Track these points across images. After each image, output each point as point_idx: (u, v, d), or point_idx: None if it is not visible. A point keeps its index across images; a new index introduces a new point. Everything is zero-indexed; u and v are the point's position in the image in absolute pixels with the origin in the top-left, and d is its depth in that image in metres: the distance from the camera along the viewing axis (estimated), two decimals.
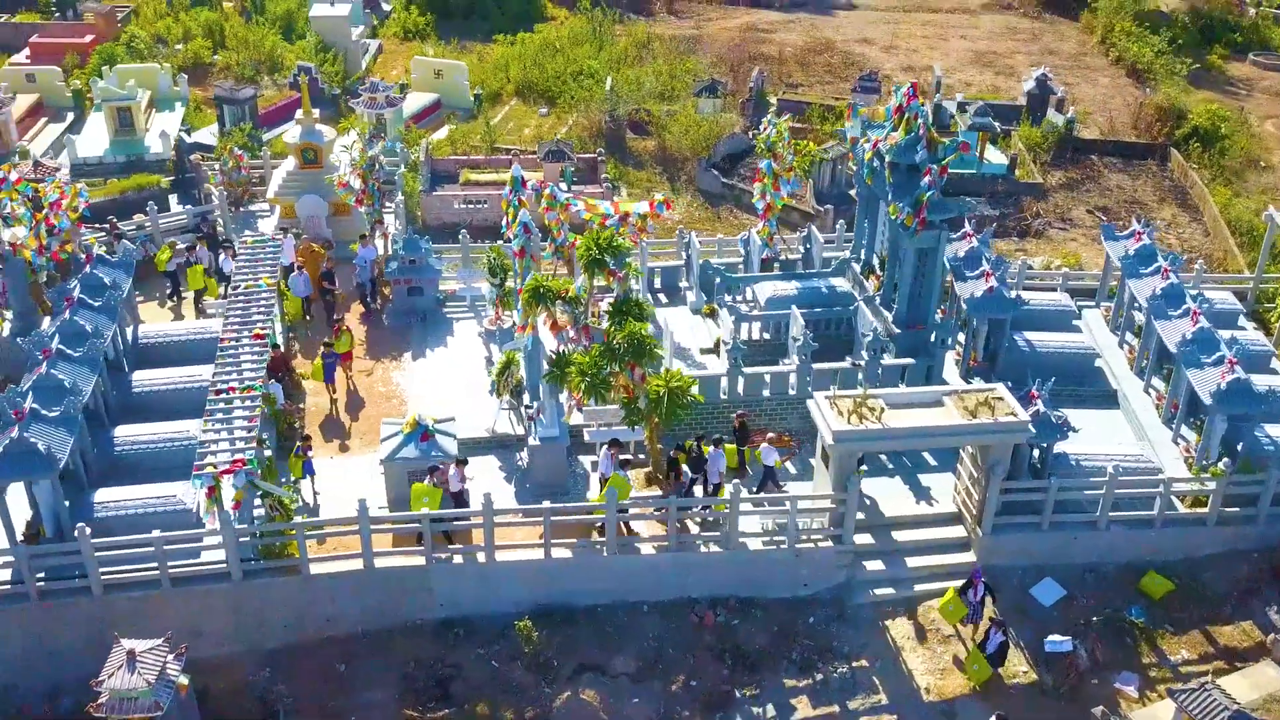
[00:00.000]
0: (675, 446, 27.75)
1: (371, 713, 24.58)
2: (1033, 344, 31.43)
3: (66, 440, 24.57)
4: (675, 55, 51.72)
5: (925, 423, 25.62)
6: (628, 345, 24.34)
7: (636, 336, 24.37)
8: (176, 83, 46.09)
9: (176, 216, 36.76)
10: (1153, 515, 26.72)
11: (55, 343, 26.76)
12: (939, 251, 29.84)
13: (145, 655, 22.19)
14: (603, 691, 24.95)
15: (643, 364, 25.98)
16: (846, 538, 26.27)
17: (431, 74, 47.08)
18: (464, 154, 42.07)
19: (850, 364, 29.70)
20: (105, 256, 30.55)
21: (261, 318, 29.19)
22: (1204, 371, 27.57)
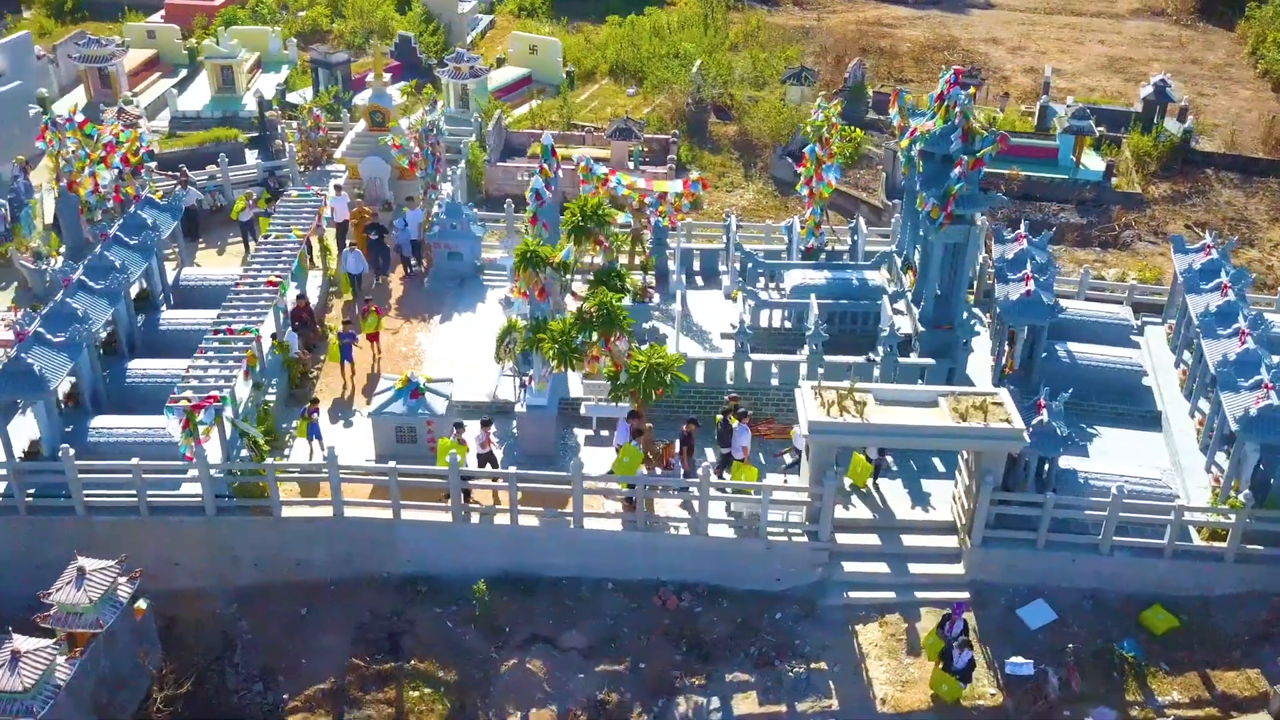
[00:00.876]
0: (688, 420, 27.14)
1: (322, 657, 24.82)
2: (1074, 355, 29.46)
3: (64, 365, 25.61)
4: (779, 43, 50.65)
5: (911, 422, 24.28)
6: (597, 314, 23.83)
7: (607, 306, 23.85)
8: (286, 46, 47.73)
9: (247, 169, 38.00)
10: (1162, 544, 24.66)
11: (78, 274, 27.96)
12: (968, 248, 28.25)
13: (94, 574, 22.92)
14: (550, 663, 24.58)
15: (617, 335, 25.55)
16: (823, 534, 25.14)
17: (527, 49, 47.40)
18: (540, 128, 42.17)
19: (866, 359, 28.44)
20: (153, 199, 31.77)
21: (283, 267, 29.79)
22: (1239, 395, 25.27)
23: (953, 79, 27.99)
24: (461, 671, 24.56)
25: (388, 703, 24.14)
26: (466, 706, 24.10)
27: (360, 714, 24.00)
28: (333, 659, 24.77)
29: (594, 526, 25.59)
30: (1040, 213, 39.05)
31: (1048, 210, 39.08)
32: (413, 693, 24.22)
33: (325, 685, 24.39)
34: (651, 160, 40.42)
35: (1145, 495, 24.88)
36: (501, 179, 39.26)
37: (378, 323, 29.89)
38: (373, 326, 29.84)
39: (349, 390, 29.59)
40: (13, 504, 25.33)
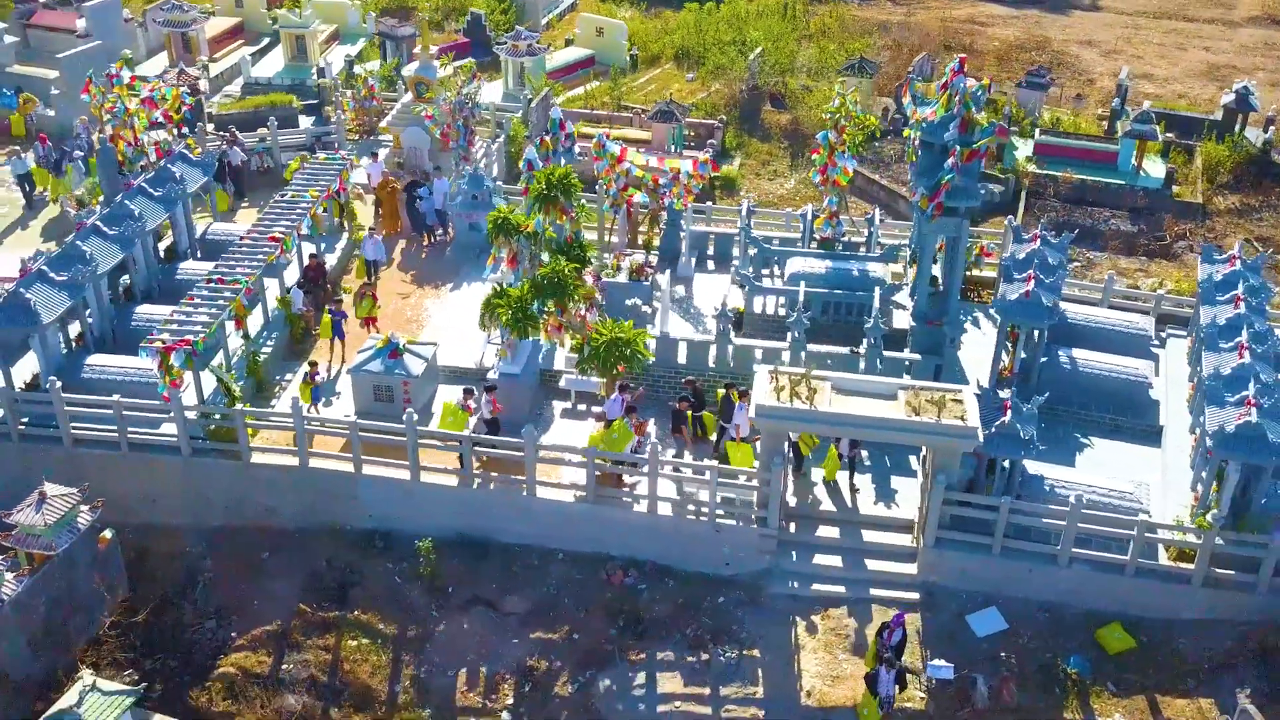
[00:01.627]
0: (680, 398, 27.08)
1: (273, 600, 25.51)
2: (1075, 362, 28.26)
3: (61, 302, 26.91)
4: (857, 36, 49.71)
5: (862, 413, 23.65)
6: (548, 282, 23.89)
7: (558, 274, 23.87)
8: (364, 19, 49.01)
9: (295, 133, 39.21)
10: (1124, 561, 23.49)
11: (93, 219, 29.33)
12: (961, 242, 27.34)
13: (54, 500, 24.02)
14: (487, 627, 24.79)
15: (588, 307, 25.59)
16: (771, 521, 24.71)
17: (594, 31, 47.60)
18: (590, 109, 42.37)
19: (850, 351, 27.82)
20: (186, 154, 33.07)
21: (286, 225, 30.61)
22: (1223, 410, 23.88)
23: (957, 68, 27.11)
24: (401, 627, 24.96)
25: (326, 649, 24.69)
26: (400, 661, 24.50)
27: (299, 658, 24.59)
28: (283, 603, 25.42)
29: (546, 496, 25.67)
30: (1090, 218, 37.48)
31: (1099, 215, 37.47)
32: (351, 642, 24.72)
33: (271, 627, 25.05)
34: (695, 144, 40.21)
35: (1110, 508, 23.73)
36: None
37: (372, 307, 30.09)
38: (367, 311, 30.06)
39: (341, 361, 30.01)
40: (6, 430, 26.73)
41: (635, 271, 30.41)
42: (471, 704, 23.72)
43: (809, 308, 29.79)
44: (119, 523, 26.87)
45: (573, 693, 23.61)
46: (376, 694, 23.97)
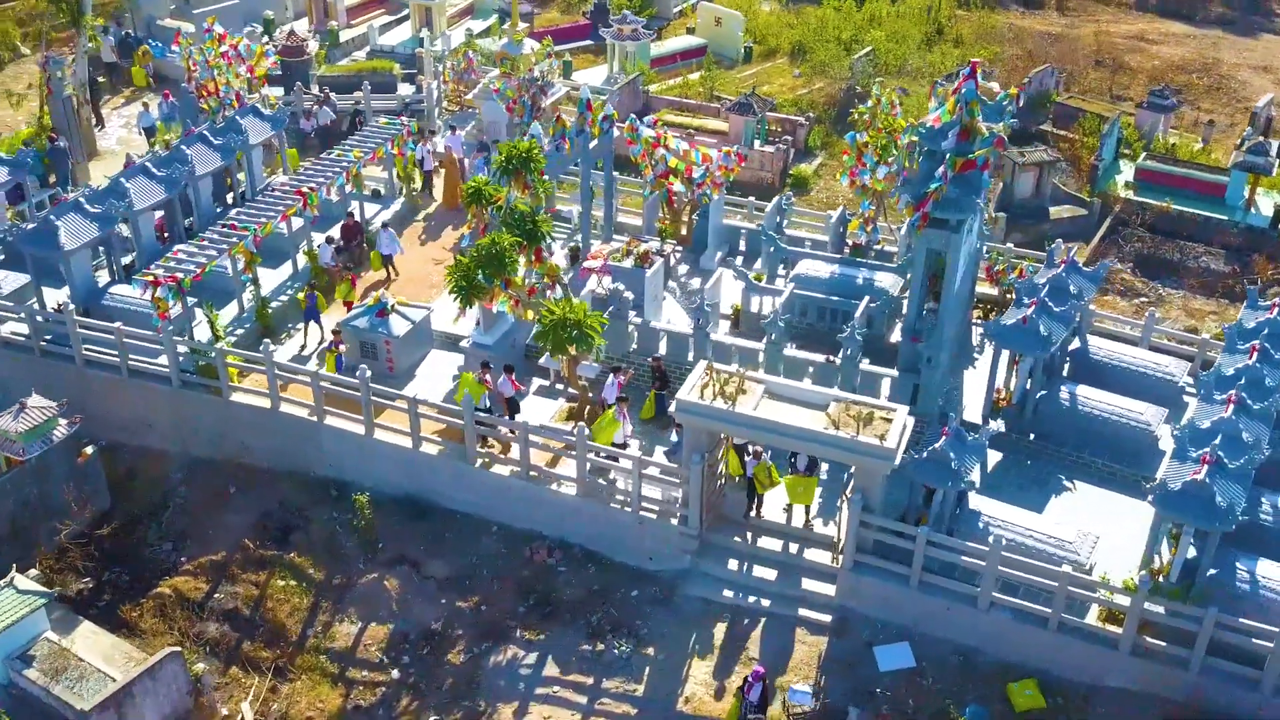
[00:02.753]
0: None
1: (226, 532, 26.75)
2: (1076, 400, 26.18)
3: (89, 232, 28.92)
4: (989, 43, 47.19)
5: (782, 420, 22.69)
6: (485, 254, 23.97)
7: (496, 246, 23.91)
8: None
9: (387, 99, 40.65)
10: (1046, 613, 21.65)
11: (143, 160, 31.39)
12: (955, 257, 25.70)
13: (32, 410, 26.02)
14: (405, 585, 25.23)
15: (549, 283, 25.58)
16: (691, 521, 24.07)
17: (713, 21, 47.09)
18: (685, 97, 42.01)
19: (826, 360, 26.70)
20: (258, 108, 34.85)
21: (323, 181, 31.80)
22: (1183, 465, 21.66)
23: (967, 73, 25.49)
24: (329, 575, 25.72)
25: (257, 585, 25.71)
26: (319, 607, 25.25)
27: (231, 589, 25.70)
28: (233, 536, 26.61)
29: (484, 466, 25.85)
30: (1180, 253, 34.47)
31: (1190, 251, 34.43)
32: (280, 582, 25.65)
33: (216, 557, 26.29)
34: (779, 140, 39.30)
35: (1043, 556, 21.91)
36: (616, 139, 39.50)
37: (349, 291, 30.47)
38: (343, 294, 30.44)
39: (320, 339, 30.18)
40: (30, 345, 29.00)
41: (641, 258, 30.06)
42: (370, 657, 24.20)
43: (806, 312, 28.84)
44: (118, 442, 28.97)
45: (464, 662, 23.75)
46: (289, 633, 24.79)
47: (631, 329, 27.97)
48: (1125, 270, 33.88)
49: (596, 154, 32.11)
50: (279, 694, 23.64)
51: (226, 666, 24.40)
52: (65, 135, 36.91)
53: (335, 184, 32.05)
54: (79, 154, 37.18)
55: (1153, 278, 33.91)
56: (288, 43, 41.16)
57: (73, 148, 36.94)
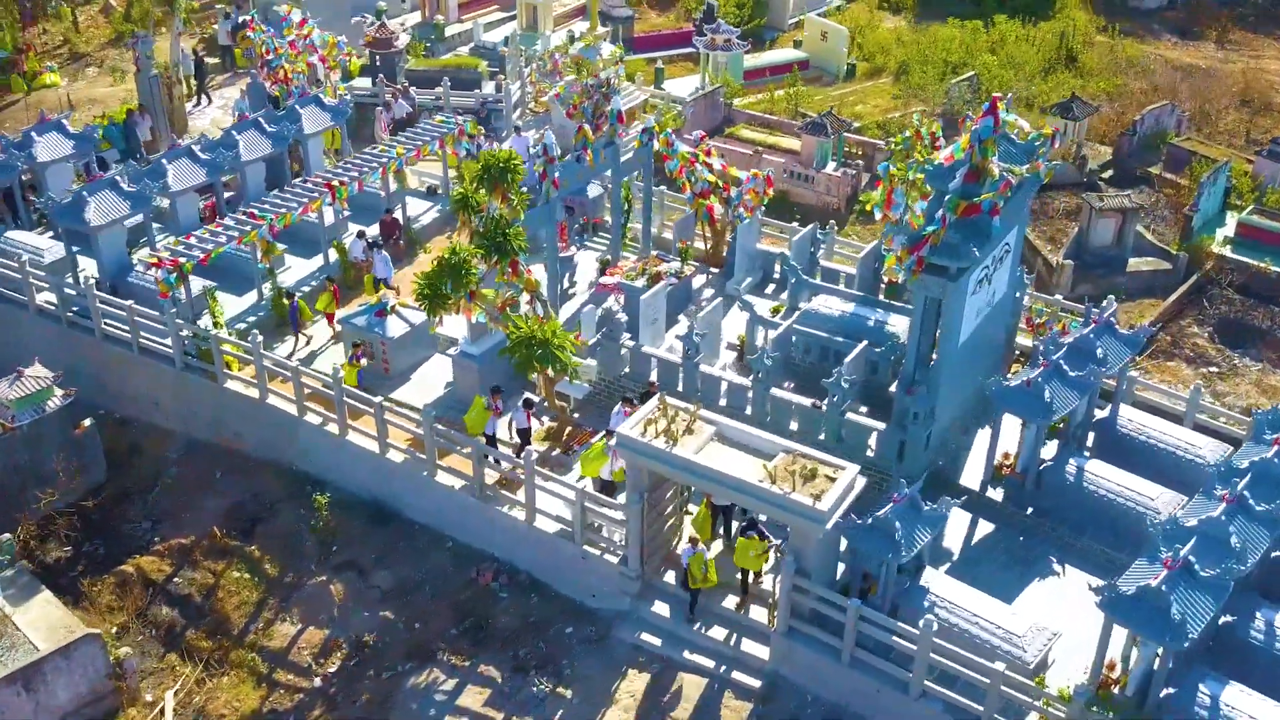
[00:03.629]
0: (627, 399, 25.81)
1: (200, 518, 27.02)
2: (1083, 475, 23.71)
3: (120, 209, 29.63)
4: (1114, 75, 43.65)
5: (718, 467, 21.22)
6: (446, 265, 23.29)
7: (455, 258, 23.19)
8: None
9: (466, 96, 40.54)
10: (978, 711, 19.55)
11: (187, 142, 32.09)
12: (953, 306, 23.58)
13: (28, 378, 26.88)
14: (349, 592, 24.89)
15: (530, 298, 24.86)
16: (631, 562, 22.84)
17: (819, 35, 45.15)
18: (769, 113, 40.38)
19: (812, 404, 24.97)
20: (320, 98, 35.23)
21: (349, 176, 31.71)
22: (1149, 566, 19.19)
23: (987, 108, 23.34)
24: (282, 572, 25.61)
25: (214, 573, 25.85)
26: (265, 604, 25.16)
27: (190, 575, 25.95)
28: (206, 522, 26.85)
29: (444, 481, 25.21)
30: (1270, 320, 30.99)
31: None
32: (235, 574, 25.71)
33: (185, 541, 26.59)
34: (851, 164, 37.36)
35: (983, 647, 19.82)
36: None
37: (330, 302, 29.52)
38: (323, 305, 29.59)
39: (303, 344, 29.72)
40: (58, 315, 29.98)
41: (654, 279, 28.90)
42: (300, 661, 23.95)
43: (809, 351, 27.13)
44: (129, 416, 29.72)
45: (386, 679, 23.21)
46: (231, 626, 24.80)
47: (624, 352, 26.85)
48: (1202, 335, 30.68)
49: (632, 167, 31.13)
50: (204, 687, 23.63)
51: (166, 652, 24.61)
52: (150, 112, 38.19)
53: (369, 178, 31.95)
54: (164, 130, 38.36)
55: (1233, 346, 30.61)
56: (377, 34, 41.56)
57: (157, 125, 38.19)
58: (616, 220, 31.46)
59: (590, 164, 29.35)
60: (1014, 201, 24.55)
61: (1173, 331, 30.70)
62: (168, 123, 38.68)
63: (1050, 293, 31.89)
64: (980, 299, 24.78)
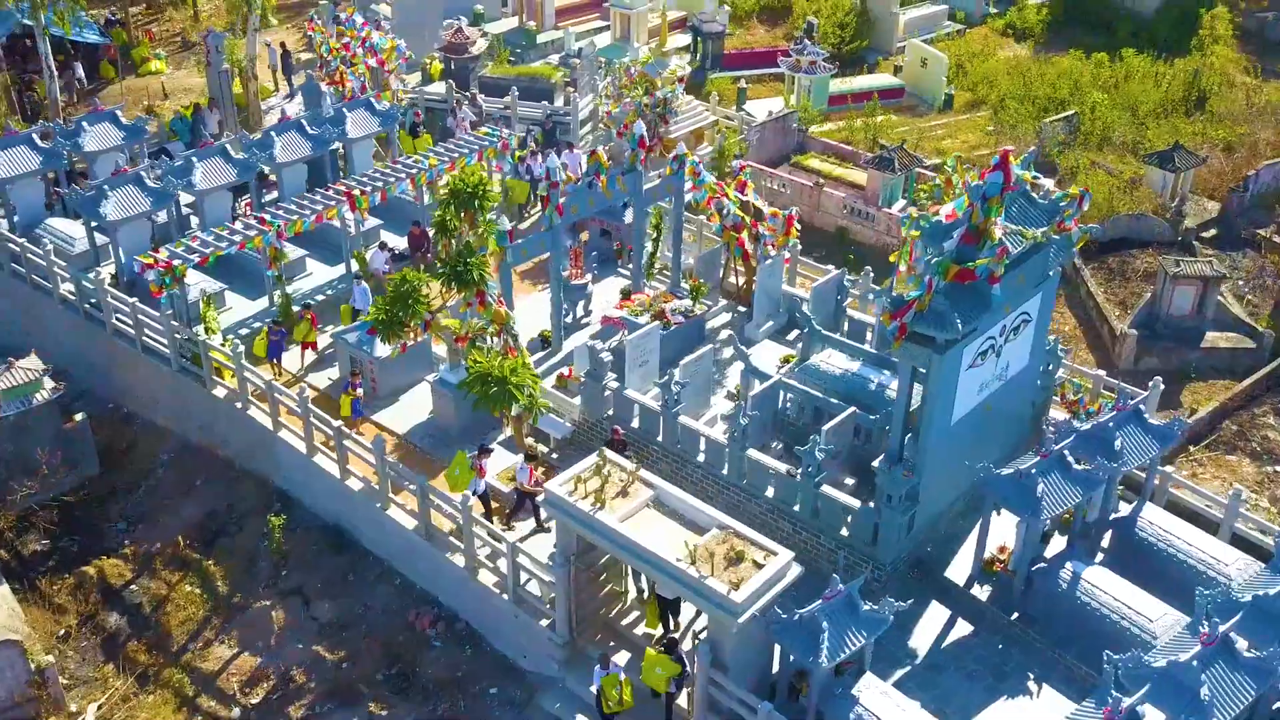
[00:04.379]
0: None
1: (171, 524, 26.77)
2: (1077, 583, 20.96)
3: (139, 205, 29.53)
4: (1241, 123, 39.35)
5: (640, 539, 19.41)
6: (398, 291, 22.11)
7: (405, 285, 21.98)
8: (717, 13, 47.71)
9: (532, 107, 39.42)
10: None
11: (223, 141, 31.92)
12: (941, 380, 21.12)
13: (18, 370, 27.07)
14: (290, 620, 24.12)
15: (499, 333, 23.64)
16: (559, 627, 21.24)
17: (919, 61, 42.24)
18: (847, 142, 37.91)
19: (786, 472, 22.85)
20: (371, 102, 34.65)
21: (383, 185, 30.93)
22: (1094, 713, 16.54)
23: (995, 162, 20.82)
24: (231, 591, 24.99)
25: (168, 584, 25.43)
26: (209, 623, 24.55)
27: (146, 583, 25.63)
28: (174, 529, 26.51)
29: (396, 516, 24.08)
30: None
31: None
32: (188, 588, 25.24)
33: (153, 546, 26.30)
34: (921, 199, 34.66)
35: None
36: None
37: (309, 331, 27.94)
38: (302, 334, 28.00)
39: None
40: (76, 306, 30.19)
41: (657, 316, 27.18)
42: (227, 688, 23.25)
43: (803, 410, 24.96)
44: (133, 412, 29.74)
45: (302, 718, 22.25)
46: (173, 643, 24.32)
47: (607, 394, 25.22)
48: (1277, 427, 27.11)
49: (660, 194, 29.51)
50: (127, 704, 23.12)
51: (105, 661, 24.25)
52: (219, 107, 38.43)
53: (395, 189, 31.09)
54: (232, 124, 38.49)
55: None
56: (452, 39, 40.88)
57: (224, 118, 38.37)
58: (638, 250, 29.84)
59: (605, 191, 27.78)
60: (1032, 266, 21.97)
61: (1242, 420, 27.23)
62: (235, 117, 38.83)
63: (1113, 365, 28.83)
64: (985, 372, 22.26)
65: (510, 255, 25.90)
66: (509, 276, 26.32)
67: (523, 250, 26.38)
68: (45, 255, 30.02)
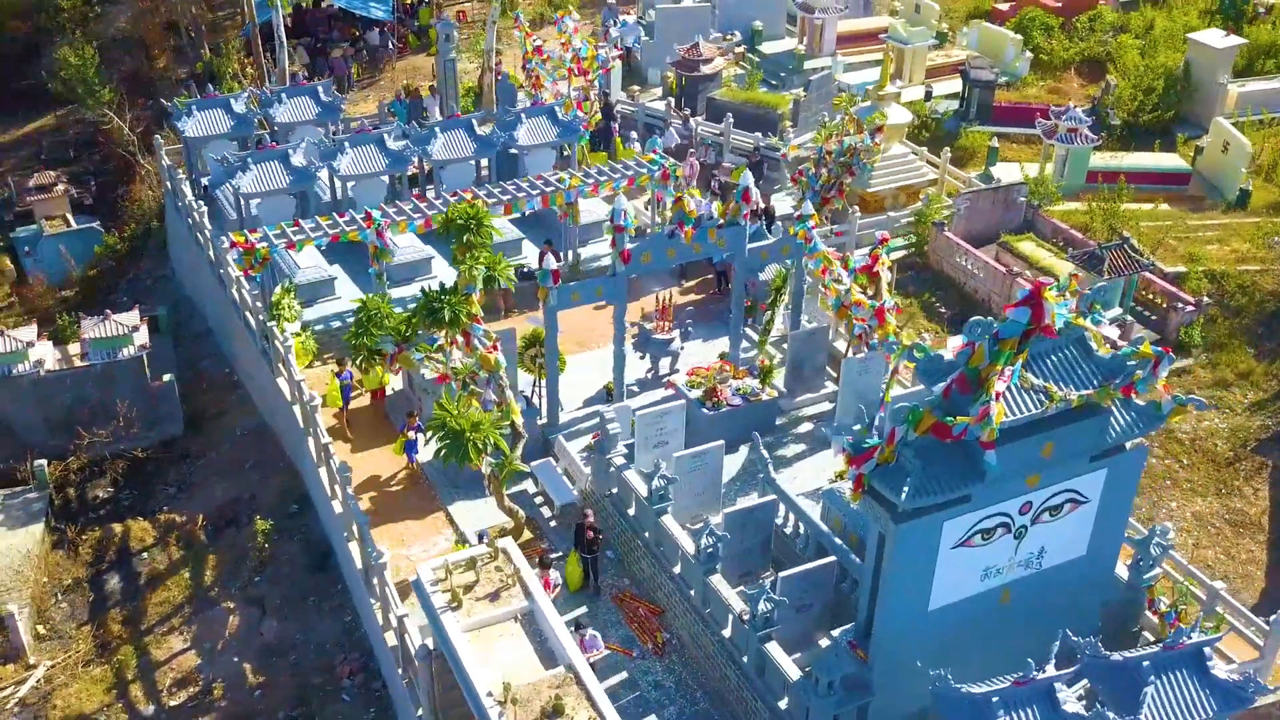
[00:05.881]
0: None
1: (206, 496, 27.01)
2: None
3: (276, 181, 29.80)
4: None
5: (467, 657, 16.69)
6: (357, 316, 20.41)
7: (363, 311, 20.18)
8: (1018, 58, 41.91)
9: (745, 138, 36.33)
10: None
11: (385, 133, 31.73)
12: (903, 553, 16.56)
13: (110, 323, 28.46)
14: (239, 629, 23.46)
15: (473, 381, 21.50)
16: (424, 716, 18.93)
17: (1220, 144, 34.49)
18: (1083, 229, 31.67)
19: (740, 614, 19.00)
20: (556, 111, 33.20)
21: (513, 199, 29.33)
22: None
23: (1022, 295, 15.96)
24: (212, 584, 24.69)
25: (169, 560, 25.52)
26: (180, 611, 24.34)
27: (155, 554, 25.97)
28: (201, 508, 26.56)
29: (353, 549, 22.52)
30: None
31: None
32: (182, 569, 25.12)
33: (178, 520, 26.47)
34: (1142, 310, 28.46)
35: None
36: (943, 252, 31.47)
37: (379, 379, 25.39)
38: (375, 382, 25.51)
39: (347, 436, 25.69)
40: None
41: (709, 394, 23.79)
42: (160, 683, 22.98)
43: (808, 545, 20.85)
44: (239, 383, 30.19)
45: None
46: (144, 620, 24.35)
47: (613, 470, 22.32)
48: None
49: (774, 256, 26.08)
50: (69, 672, 23.22)
51: (87, 622, 24.62)
52: (441, 94, 38.51)
53: (524, 205, 29.41)
54: (453, 113, 38.33)
55: None
56: (686, 54, 38.56)
57: (445, 107, 38.36)
58: (737, 314, 26.44)
59: (693, 245, 24.67)
60: (1075, 435, 16.85)
61: None
62: (456, 106, 38.70)
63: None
64: (994, 555, 17.48)
65: (554, 298, 23.59)
66: (554, 319, 23.97)
67: (573, 294, 23.96)
68: (198, 213, 31.01)
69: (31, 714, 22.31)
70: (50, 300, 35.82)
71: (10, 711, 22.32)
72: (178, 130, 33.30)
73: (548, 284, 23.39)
